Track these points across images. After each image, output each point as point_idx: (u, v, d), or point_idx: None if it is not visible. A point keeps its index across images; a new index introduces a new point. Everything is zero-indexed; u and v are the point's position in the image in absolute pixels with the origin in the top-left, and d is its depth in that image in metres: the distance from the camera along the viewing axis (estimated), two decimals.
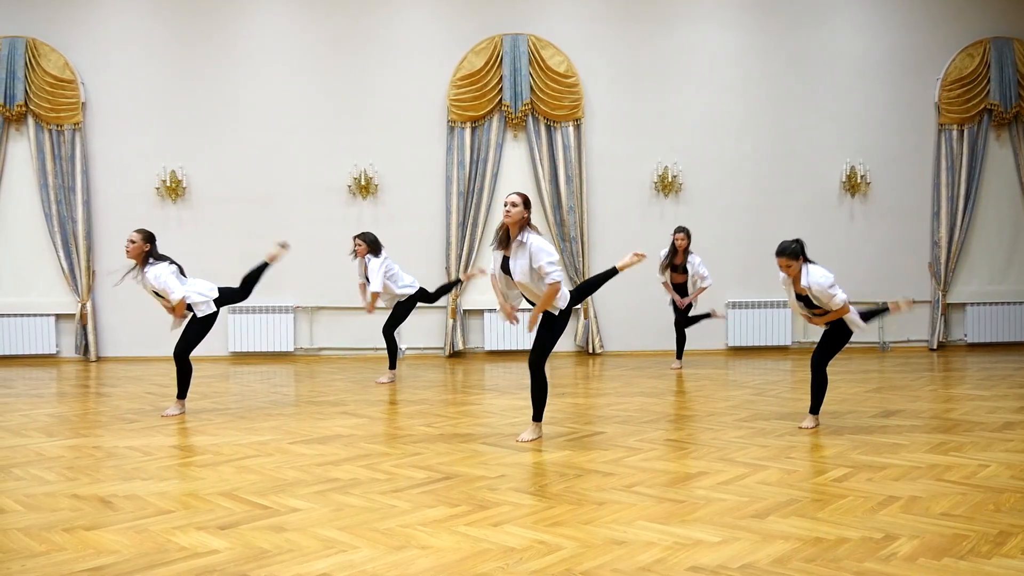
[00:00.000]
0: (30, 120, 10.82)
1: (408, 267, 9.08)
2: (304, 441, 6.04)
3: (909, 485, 4.70)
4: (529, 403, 6.14)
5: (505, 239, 5.81)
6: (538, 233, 5.80)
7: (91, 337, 10.93)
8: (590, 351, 11.14)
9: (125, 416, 7.06)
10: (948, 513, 4.18)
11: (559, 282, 5.72)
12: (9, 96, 10.69)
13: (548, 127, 11.08)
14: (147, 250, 7.03)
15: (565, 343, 11.33)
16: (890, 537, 3.84)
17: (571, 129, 11.06)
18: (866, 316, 6.64)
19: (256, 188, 11.03)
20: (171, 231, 10.95)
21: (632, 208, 11.27)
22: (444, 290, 9.33)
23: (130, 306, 10.92)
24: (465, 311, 11.17)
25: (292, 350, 11.08)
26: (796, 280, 6.26)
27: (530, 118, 11.03)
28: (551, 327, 5.92)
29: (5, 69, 10.66)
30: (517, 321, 6.14)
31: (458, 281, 10.23)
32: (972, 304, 11.65)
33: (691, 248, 9.29)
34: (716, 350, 11.22)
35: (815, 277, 6.14)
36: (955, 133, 11.47)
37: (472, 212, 11.00)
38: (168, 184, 10.92)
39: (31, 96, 10.74)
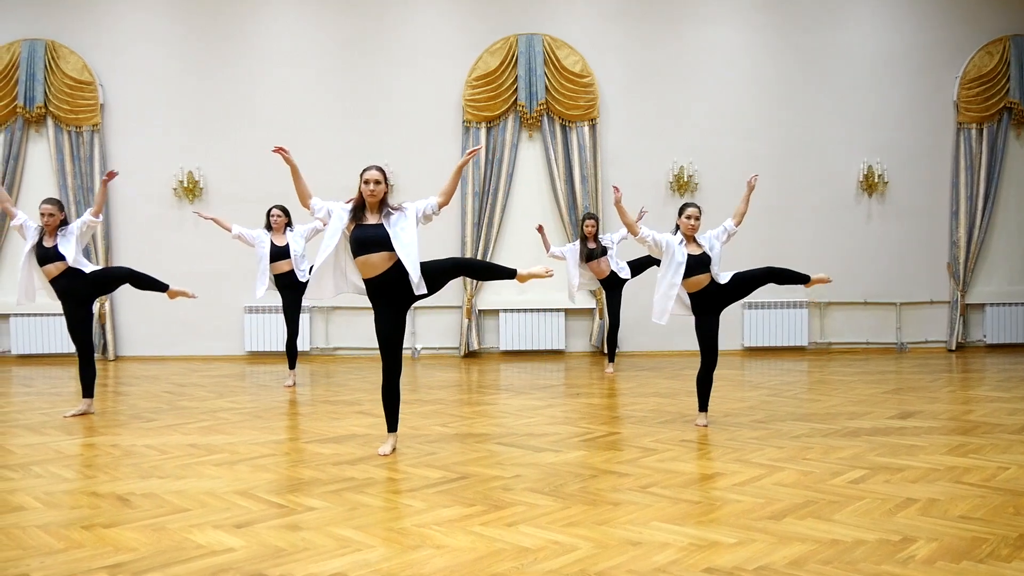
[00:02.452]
0: (49, 121, 10.93)
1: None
2: (320, 440, 6.06)
3: (927, 487, 4.67)
4: (546, 403, 6.12)
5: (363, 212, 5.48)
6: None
7: (109, 336, 11.01)
8: (605, 352, 11.11)
9: (142, 415, 7.10)
10: (967, 516, 4.15)
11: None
12: (29, 98, 10.80)
13: (563, 127, 11.08)
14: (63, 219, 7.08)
15: (580, 343, 11.33)
16: (908, 540, 3.81)
17: (586, 129, 11.04)
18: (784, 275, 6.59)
19: (272, 188, 11.02)
20: (188, 231, 11.03)
21: (648, 208, 11.21)
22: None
23: (147, 306, 11.02)
24: (480, 311, 11.17)
25: (308, 350, 11.11)
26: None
27: (545, 118, 11.03)
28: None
29: (25, 71, 10.78)
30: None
31: None
32: (991, 305, 11.55)
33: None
34: (732, 351, 11.18)
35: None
36: (974, 132, 11.39)
37: (487, 212, 11.00)
38: (185, 184, 10.99)
39: (50, 98, 10.84)
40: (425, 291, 5.47)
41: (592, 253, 9.18)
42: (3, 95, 10.83)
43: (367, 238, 5.35)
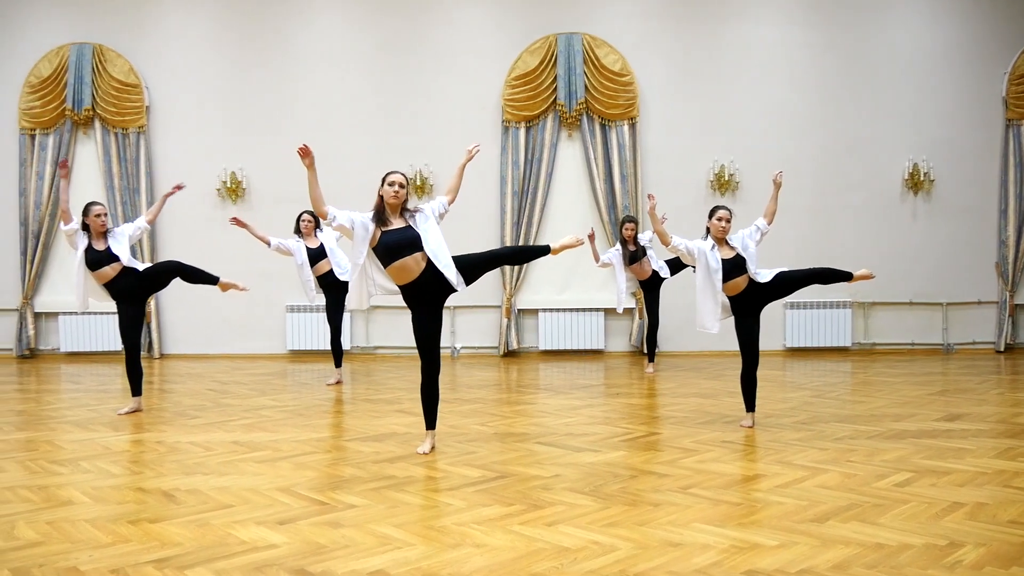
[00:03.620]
0: (97, 124, 11.15)
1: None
2: (360, 439, 6.10)
3: (975, 491, 4.58)
4: (586, 403, 6.11)
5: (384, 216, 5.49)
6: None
7: (155, 335, 11.20)
8: (645, 351, 11.05)
9: (187, 412, 7.21)
10: (1016, 521, 4.06)
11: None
12: (77, 101, 11.03)
13: (603, 126, 11.04)
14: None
15: (620, 343, 11.29)
16: (955, 544, 3.74)
17: (626, 128, 11.00)
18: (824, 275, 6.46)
19: None
20: (231, 231, 11.13)
21: (688, 207, 11.11)
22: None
23: (191, 305, 11.19)
24: (520, 311, 11.18)
25: (349, 348, 11.19)
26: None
27: (584, 117, 11.00)
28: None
29: (73, 75, 11.01)
30: None
31: None
32: None
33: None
34: (774, 351, 11.06)
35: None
36: (1023, 129, 11.15)
37: (527, 212, 11.00)
38: (228, 185, 11.14)
39: (98, 100, 11.06)
40: (464, 287, 5.49)
41: (634, 255, 9.15)
42: (52, 98, 11.06)
43: (397, 242, 5.35)
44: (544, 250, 5.75)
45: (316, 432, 6.34)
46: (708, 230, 6.42)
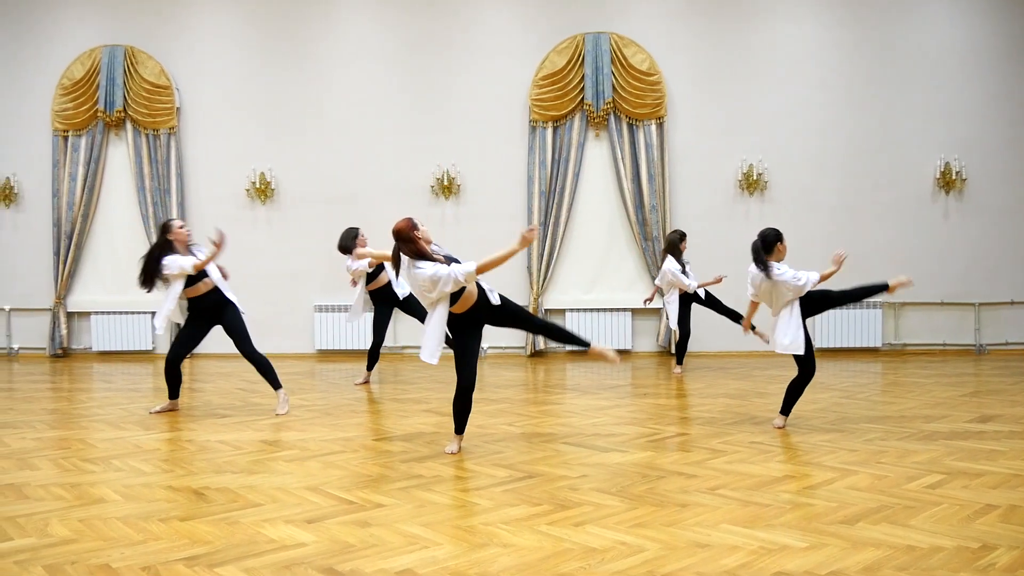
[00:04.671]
0: (128, 125, 11.29)
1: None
2: (388, 438, 6.13)
3: (1008, 493, 4.52)
4: (613, 403, 6.10)
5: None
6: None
7: None
8: (672, 352, 11.02)
9: (216, 411, 7.28)
10: None
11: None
12: (109, 102, 11.17)
13: (630, 126, 11.01)
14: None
15: (647, 343, 11.25)
16: (988, 547, 3.70)
17: (653, 127, 10.96)
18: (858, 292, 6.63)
19: (341, 189, 11.25)
20: (260, 232, 11.27)
21: (716, 207, 11.10)
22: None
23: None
24: (547, 310, 11.17)
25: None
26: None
27: (612, 117, 10.98)
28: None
29: (105, 76, 11.15)
30: None
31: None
32: None
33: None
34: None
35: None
36: None
37: (554, 212, 11.00)
38: (257, 186, 11.22)
39: (129, 102, 11.20)
40: (498, 301, 5.62)
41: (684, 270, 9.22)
42: (85, 100, 11.21)
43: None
44: (584, 344, 5.77)
45: (344, 431, 6.38)
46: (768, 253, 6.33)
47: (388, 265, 8.37)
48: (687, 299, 9.26)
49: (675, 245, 9.20)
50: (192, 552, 3.75)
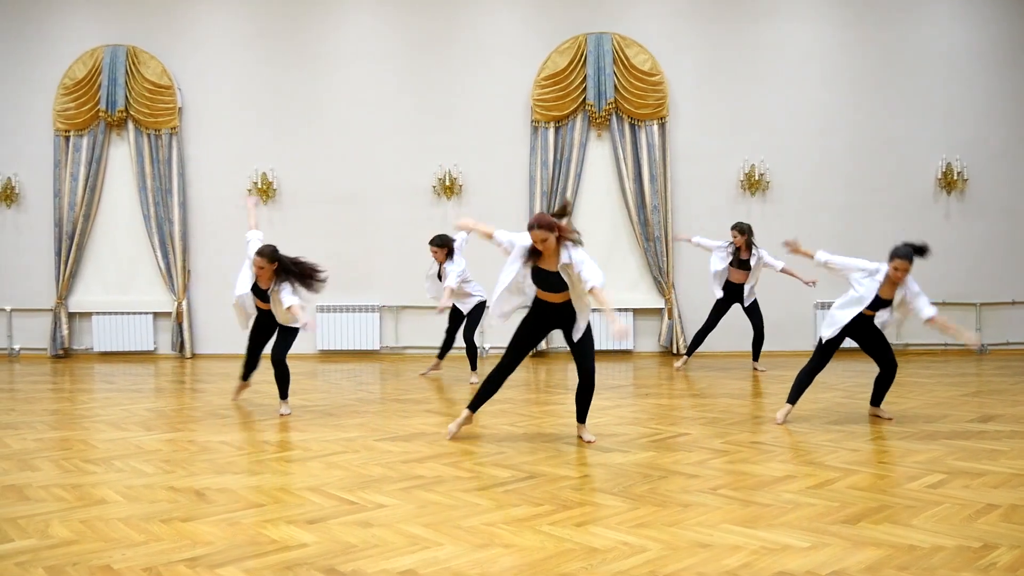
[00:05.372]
0: (130, 125, 11.29)
1: (491, 267, 9.06)
2: (390, 438, 6.13)
3: (1010, 493, 4.52)
4: (615, 403, 6.10)
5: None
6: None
7: (187, 335, 11.31)
8: (675, 352, 11.02)
9: (218, 412, 7.28)
10: None
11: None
12: (111, 102, 11.17)
13: (632, 126, 11.01)
14: (275, 268, 6.99)
15: (649, 343, 11.25)
16: (989, 547, 3.70)
17: (655, 128, 10.96)
18: None
19: (343, 189, 11.26)
20: (263, 232, 11.24)
21: (718, 207, 11.09)
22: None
23: (223, 305, 11.23)
24: None
25: (378, 348, 11.26)
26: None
27: (614, 117, 10.98)
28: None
29: (107, 76, 11.15)
30: None
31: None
32: None
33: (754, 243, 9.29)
34: (805, 351, 10.94)
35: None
36: None
37: (555, 212, 10.97)
38: (259, 186, 11.23)
39: (131, 102, 11.20)
40: (580, 336, 5.75)
41: (744, 263, 9.29)
42: (87, 100, 11.22)
43: (545, 281, 5.73)
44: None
45: (346, 432, 6.38)
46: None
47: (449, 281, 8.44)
48: (736, 297, 9.37)
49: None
50: (194, 553, 3.75)
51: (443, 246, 8.61)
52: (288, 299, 6.89)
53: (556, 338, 11.18)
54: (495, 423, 6.64)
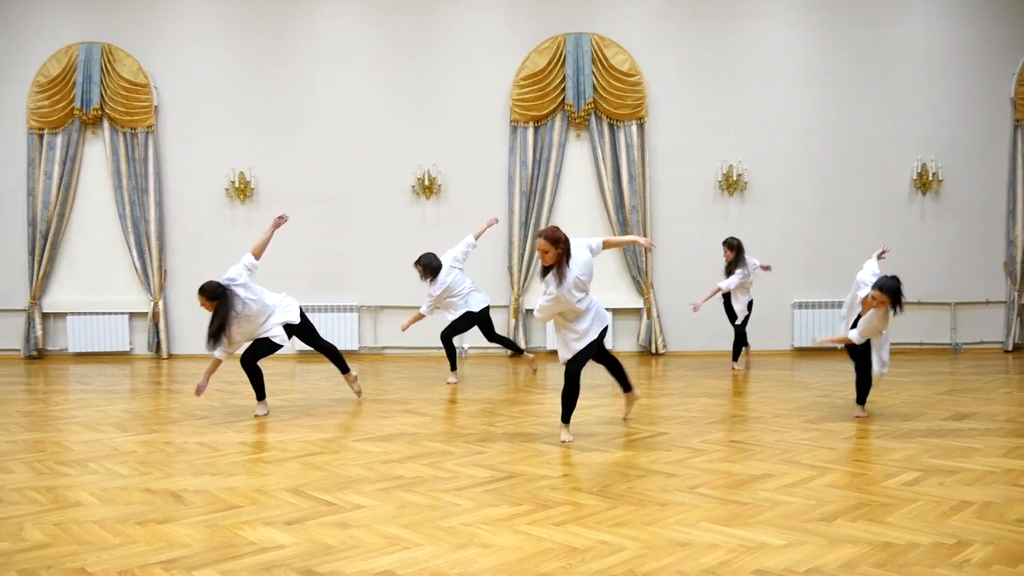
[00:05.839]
0: (105, 123, 11.18)
1: (471, 267, 9.08)
2: (368, 439, 6.11)
3: (983, 490, 4.57)
4: (593, 403, 6.12)
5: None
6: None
7: (163, 335, 11.22)
8: (653, 351, 11.06)
9: (195, 413, 7.23)
10: None
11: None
12: (85, 100, 11.06)
13: (611, 126, 11.03)
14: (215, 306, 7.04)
15: (627, 343, 11.28)
16: (963, 543, 3.74)
17: (634, 128, 10.99)
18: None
19: (322, 188, 11.21)
20: (239, 231, 11.19)
21: (696, 207, 11.14)
22: (505, 343, 9.13)
23: (199, 305, 11.19)
24: (527, 310, 11.17)
25: (357, 349, 11.22)
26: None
27: (593, 117, 11.00)
28: None
29: (82, 74, 11.04)
30: None
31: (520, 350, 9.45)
32: None
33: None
34: (781, 351, 11.03)
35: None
36: None
37: (535, 212, 11.00)
38: (237, 185, 11.16)
39: (106, 100, 11.09)
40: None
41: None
42: (61, 98, 11.09)
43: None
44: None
45: (324, 432, 6.35)
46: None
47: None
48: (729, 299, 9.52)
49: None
50: (170, 555, 3.73)
51: (422, 266, 8.54)
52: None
53: (535, 337, 11.20)
54: (473, 423, 6.64)
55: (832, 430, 6.22)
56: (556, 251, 5.71)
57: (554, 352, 11.03)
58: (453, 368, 8.94)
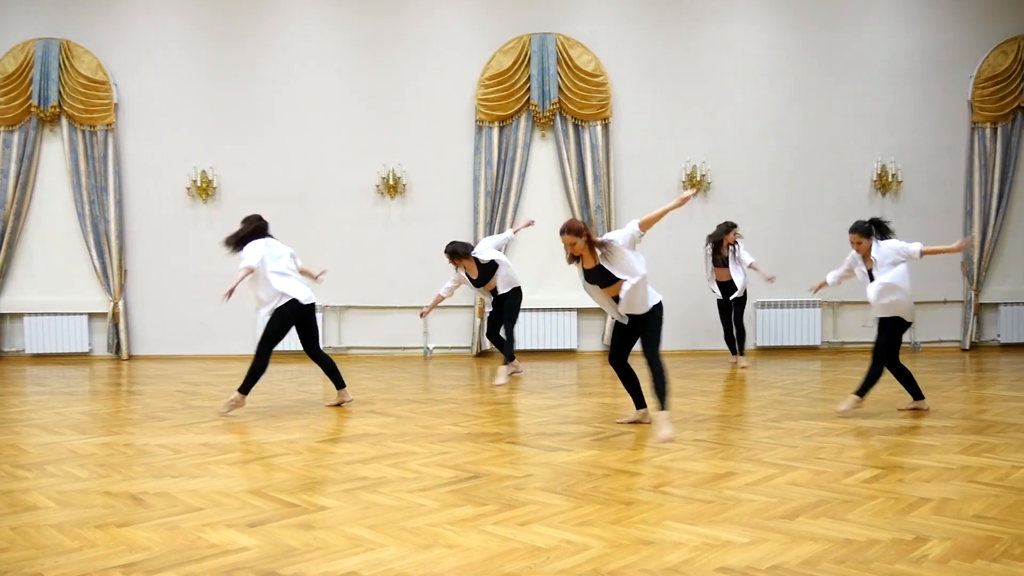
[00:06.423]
0: (63, 121, 10.99)
1: (435, 266, 9.07)
2: (332, 440, 6.07)
3: (941, 487, 4.65)
4: (558, 402, 6.12)
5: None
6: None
7: (123, 335, 11.06)
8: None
9: (156, 414, 7.14)
10: (981, 515, 4.13)
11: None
12: (43, 97, 10.86)
13: (576, 126, 11.07)
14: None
15: (593, 342, 11.33)
16: (921, 539, 3.79)
17: (599, 128, 11.03)
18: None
19: (286, 188, 11.11)
20: (201, 231, 11.08)
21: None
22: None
23: (161, 305, 11.08)
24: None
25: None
26: (867, 255, 7.03)
27: (558, 117, 11.02)
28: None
29: (39, 71, 10.84)
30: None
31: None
32: (1005, 304, 11.50)
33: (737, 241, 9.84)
34: (745, 350, 11.13)
35: (887, 243, 7.07)
36: (988, 131, 11.32)
37: (500, 212, 11.00)
38: (199, 184, 11.03)
39: (64, 97, 10.90)
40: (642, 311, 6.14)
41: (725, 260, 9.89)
42: (17, 94, 10.89)
43: (597, 279, 6.11)
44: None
45: (288, 433, 6.30)
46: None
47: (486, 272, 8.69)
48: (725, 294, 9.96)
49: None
50: (130, 559, 3.67)
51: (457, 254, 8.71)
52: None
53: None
54: (439, 423, 6.62)
55: (794, 428, 6.29)
56: (582, 239, 5.95)
57: (520, 352, 11.09)
58: (512, 358, 9.03)
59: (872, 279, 7.01)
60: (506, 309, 8.80)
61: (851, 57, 11.31)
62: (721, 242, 9.78)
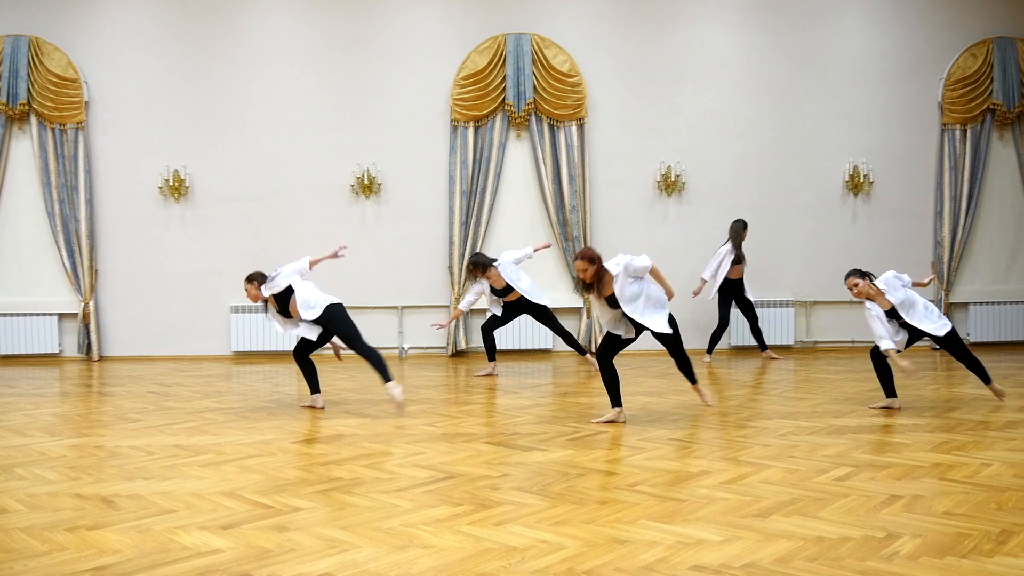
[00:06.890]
0: (33, 119, 10.84)
1: (410, 266, 9.07)
2: (306, 440, 6.05)
3: (911, 484, 4.70)
4: (534, 402, 6.14)
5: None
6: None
7: (93, 336, 10.93)
8: (592, 351, 11.12)
9: (127, 415, 7.07)
10: (951, 512, 4.18)
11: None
12: (12, 95, 10.70)
13: (551, 126, 11.08)
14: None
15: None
16: (892, 536, 3.83)
17: (574, 128, 11.05)
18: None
19: (259, 187, 11.04)
20: (173, 231, 10.99)
21: (635, 208, 11.26)
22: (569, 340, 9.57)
23: (132, 306, 10.97)
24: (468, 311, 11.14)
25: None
26: (878, 296, 7.11)
27: (533, 117, 11.03)
28: None
29: (8, 68, 10.68)
30: None
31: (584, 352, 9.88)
32: (975, 304, 11.64)
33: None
34: (719, 349, 11.18)
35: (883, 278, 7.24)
36: (958, 133, 11.46)
37: (475, 212, 11.00)
38: (171, 183, 10.93)
39: (34, 95, 10.76)
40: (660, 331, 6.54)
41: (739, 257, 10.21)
42: None
43: (612, 306, 6.49)
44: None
45: (261, 434, 6.26)
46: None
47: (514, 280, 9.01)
48: (726, 289, 10.26)
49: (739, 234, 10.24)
50: (101, 562, 3.63)
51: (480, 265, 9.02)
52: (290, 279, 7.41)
53: (476, 337, 11.19)
54: (414, 423, 6.61)
55: (767, 427, 6.33)
56: (594, 268, 6.29)
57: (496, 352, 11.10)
58: (582, 352, 9.68)
59: (896, 315, 7.19)
60: (551, 322, 9.33)
61: (823, 59, 11.42)
62: (741, 239, 10.15)
